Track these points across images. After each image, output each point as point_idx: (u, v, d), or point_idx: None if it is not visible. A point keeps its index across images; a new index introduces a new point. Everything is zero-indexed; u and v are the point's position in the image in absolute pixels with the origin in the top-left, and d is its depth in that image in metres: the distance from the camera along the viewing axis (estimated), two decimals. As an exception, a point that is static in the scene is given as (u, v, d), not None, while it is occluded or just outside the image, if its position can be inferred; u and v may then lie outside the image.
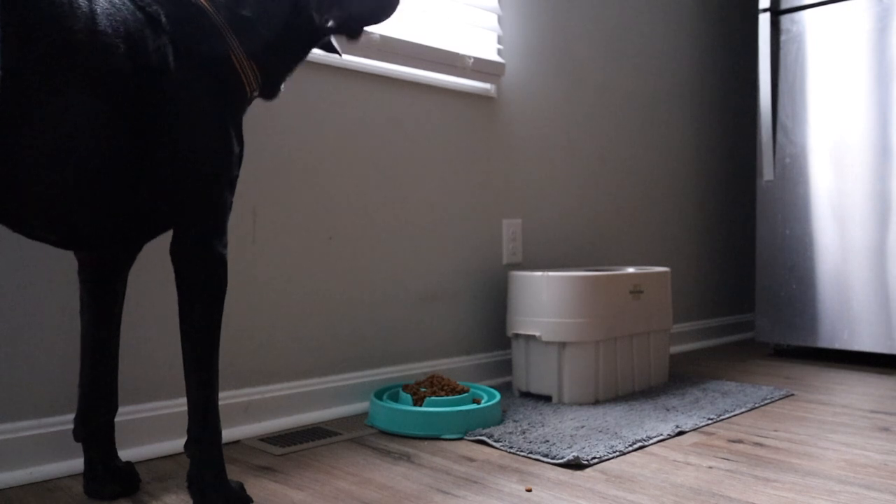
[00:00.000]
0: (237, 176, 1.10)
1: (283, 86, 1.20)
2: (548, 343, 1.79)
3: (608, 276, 1.83)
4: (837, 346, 2.31)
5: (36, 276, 1.25)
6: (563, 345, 1.77)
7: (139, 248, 1.17)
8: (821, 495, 1.14)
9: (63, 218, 0.96)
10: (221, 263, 1.06)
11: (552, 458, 1.31)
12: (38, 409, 1.26)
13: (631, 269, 2.04)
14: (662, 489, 1.17)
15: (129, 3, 0.98)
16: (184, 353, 1.06)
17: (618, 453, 1.35)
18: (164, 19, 1.00)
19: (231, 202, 1.08)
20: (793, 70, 2.41)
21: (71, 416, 1.28)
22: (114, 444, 1.19)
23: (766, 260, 2.47)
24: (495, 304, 2.04)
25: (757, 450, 1.39)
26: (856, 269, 2.28)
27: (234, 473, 1.27)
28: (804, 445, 1.42)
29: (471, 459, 1.34)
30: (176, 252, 1.04)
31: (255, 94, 1.14)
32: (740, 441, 1.45)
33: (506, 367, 2.04)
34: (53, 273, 1.27)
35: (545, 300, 1.79)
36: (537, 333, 1.80)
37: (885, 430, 1.53)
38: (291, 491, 1.18)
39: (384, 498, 1.14)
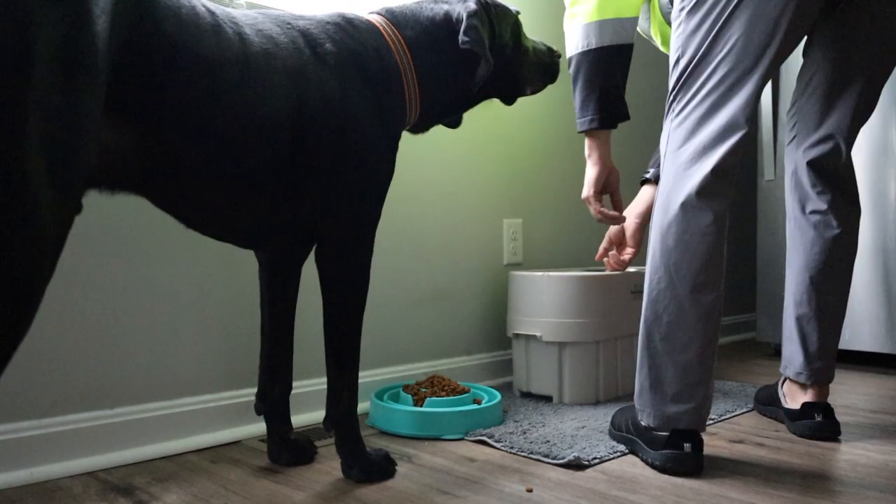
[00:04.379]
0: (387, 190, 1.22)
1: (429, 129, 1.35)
2: (548, 343, 1.78)
3: (609, 276, 1.83)
4: (838, 346, 2.29)
5: (36, 276, 1.25)
6: (563, 345, 1.77)
7: (307, 251, 1.25)
8: (822, 496, 1.14)
9: (241, 226, 1.13)
10: (363, 269, 1.19)
11: (553, 459, 1.31)
12: (38, 409, 1.26)
13: (631, 269, 2.03)
14: (663, 489, 1.17)
15: (299, 43, 1.10)
16: (326, 344, 1.19)
17: (619, 453, 1.35)
18: (331, 60, 1.12)
19: (379, 213, 1.20)
20: (794, 68, 2.40)
21: (71, 417, 1.29)
22: (289, 418, 1.34)
23: (767, 260, 2.46)
24: (496, 304, 2.04)
25: (758, 450, 1.38)
26: (856, 268, 2.26)
27: (234, 474, 1.27)
28: (805, 446, 1.42)
29: (471, 460, 1.34)
30: (321, 259, 1.17)
31: (409, 124, 1.29)
32: (741, 441, 1.45)
33: (506, 367, 2.04)
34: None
35: (546, 300, 1.79)
36: (538, 333, 1.79)
37: (887, 430, 1.53)
38: (291, 491, 1.18)
39: (385, 498, 1.14)
